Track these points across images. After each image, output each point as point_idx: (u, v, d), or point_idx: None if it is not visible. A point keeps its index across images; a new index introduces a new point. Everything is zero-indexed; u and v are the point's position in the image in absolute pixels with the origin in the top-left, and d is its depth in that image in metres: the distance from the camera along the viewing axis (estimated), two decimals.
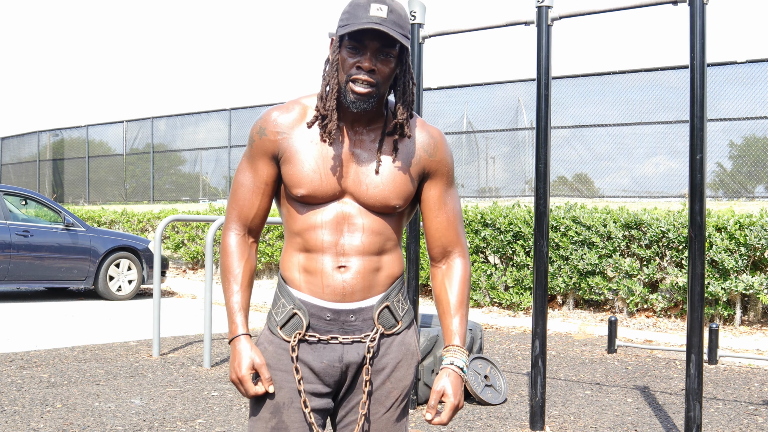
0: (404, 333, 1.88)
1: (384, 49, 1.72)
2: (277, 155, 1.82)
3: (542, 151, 4.13)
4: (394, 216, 1.85)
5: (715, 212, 8.11)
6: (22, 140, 23.86)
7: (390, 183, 1.81)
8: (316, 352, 1.82)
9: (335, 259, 1.80)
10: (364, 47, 1.72)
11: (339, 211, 1.80)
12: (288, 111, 1.83)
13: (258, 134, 1.83)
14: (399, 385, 1.87)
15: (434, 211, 1.88)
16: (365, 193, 1.80)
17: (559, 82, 12.60)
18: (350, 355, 1.82)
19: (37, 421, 4.13)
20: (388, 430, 1.86)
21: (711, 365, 6.21)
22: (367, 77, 1.72)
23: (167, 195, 19.58)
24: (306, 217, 1.81)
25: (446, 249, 1.91)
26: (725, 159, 11.71)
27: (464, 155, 14.36)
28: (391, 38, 1.71)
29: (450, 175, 1.90)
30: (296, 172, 1.79)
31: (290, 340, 1.81)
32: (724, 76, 11.39)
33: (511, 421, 4.38)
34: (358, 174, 1.80)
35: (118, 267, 10.11)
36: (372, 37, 1.71)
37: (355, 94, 1.73)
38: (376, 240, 1.82)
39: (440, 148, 1.87)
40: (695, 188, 3.67)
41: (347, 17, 1.72)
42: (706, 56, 3.66)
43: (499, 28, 4.40)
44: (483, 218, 9.42)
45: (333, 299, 1.80)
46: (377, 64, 1.73)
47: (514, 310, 9.11)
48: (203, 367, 5.71)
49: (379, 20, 1.68)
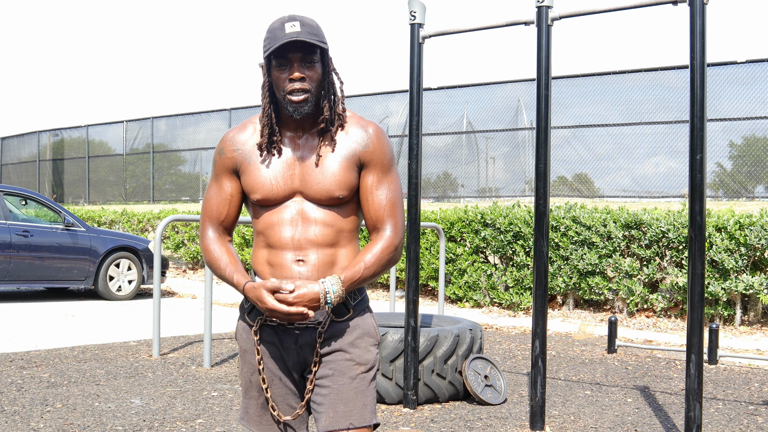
0: (358, 318, 2.11)
1: (306, 57, 1.97)
2: (236, 168, 2.10)
3: (542, 151, 4.13)
4: (343, 208, 2.07)
5: (715, 212, 8.11)
6: (22, 140, 23.85)
7: (331, 176, 2.04)
8: (277, 335, 2.09)
9: (294, 253, 2.04)
10: (290, 61, 1.97)
11: (293, 209, 2.05)
12: (242, 130, 2.12)
13: (218, 154, 2.12)
14: (359, 360, 2.09)
15: (367, 195, 2.08)
16: (311, 189, 2.04)
17: (559, 82, 12.60)
18: (303, 338, 2.07)
19: (37, 421, 4.13)
20: (358, 397, 2.07)
21: (711, 365, 6.21)
22: (299, 85, 1.97)
23: (167, 195, 19.58)
24: (265, 217, 2.07)
25: (376, 225, 2.09)
26: (725, 159, 11.70)
27: (464, 155, 14.36)
28: (309, 45, 1.96)
29: (385, 165, 2.09)
30: (251, 180, 2.07)
31: (254, 325, 2.09)
32: (724, 76, 11.39)
33: (511, 421, 4.38)
34: (303, 174, 2.05)
35: (118, 267, 10.11)
36: (293, 49, 1.96)
37: (293, 104, 1.98)
38: (328, 232, 2.05)
39: (374, 140, 2.08)
40: (695, 188, 3.67)
41: (268, 42, 1.97)
42: (706, 56, 3.67)
43: (499, 28, 4.41)
44: (483, 218, 9.42)
45: None
46: (305, 72, 1.98)
47: (514, 310, 9.11)
48: (203, 367, 5.71)
49: (294, 34, 1.93)
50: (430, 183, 14.63)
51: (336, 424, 2.04)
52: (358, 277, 2.01)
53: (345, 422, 2.04)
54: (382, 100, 15.53)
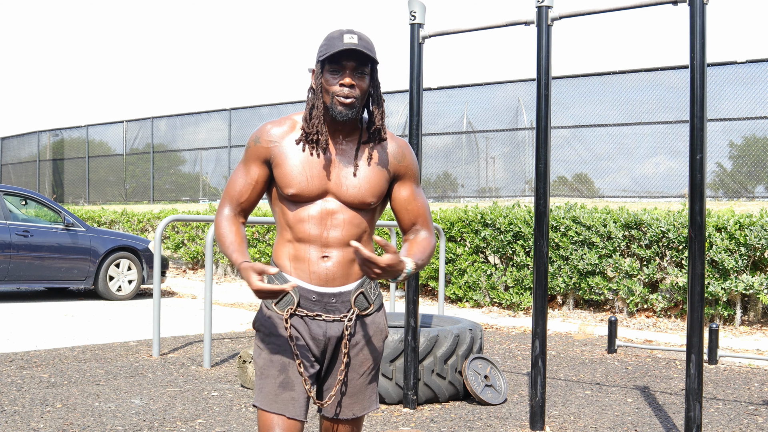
0: (375, 314, 2.29)
1: (359, 68, 2.11)
2: (269, 160, 2.19)
3: (542, 151, 4.13)
4: (368, 212, 2.21)
5: (715, 212, 8.11)
6: (22, 140, 23.85)
7: (366, 183, 2.17)
8: (306, 325, 2.19)
9: (320, 249, 2.15)
10: (343, 68, 2.10)
11: (323, 207, 2.16)
12: (280, 125, 2.21)
13: (254, 142, 2.20)
14: (371, 356, 2.27)
15: (407, 204, 2.26)
16: (345, 192, 2.16)
17: (559, 82, 12.60)
18: (332, 330, 2.20)
19: (37, 421, 4.13)
20: (363, 392, 2.27)
21: (711, 365, 6.21)
22: (348, 91, 2.09)
23: (167, 195, 19.58)
24: (296, 212, 2.16)
25: (415, 227, 2.28)
26: (725, 159, 11.70)
27: (464, 155, 14.36)
28: (364, 57, 2.10)
29: (416, 178, 2.29)
30: (286, 175, 2.15)
31: (284, 314, 2.18)
32: (724, 76, 11.39)
33: (511, 421, 4.38)
34: (338, 176, 2.17)
35: (118, 267, 10.11)
36: (348, 58, 2.09)
37: (341, 105, 2.10)
38: (354, 232, 2.17)
39: (407, 156, 2.26)
40: (695, 188, 3.67)
41: (325, 48, 2.10)
42: (706, 56, 3.66)
43: (499, 28, 4.40)
44: (483, 218, 9.42)
45: (318, 283, 2.17)
46: (356, 80, 2.11)
47: (514, 310, 9.11)
48: (203, 367, 5.71)
49: (352, 45, 2.07)
50: (430, 183, 14.63)
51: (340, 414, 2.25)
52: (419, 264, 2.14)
53: (349, 413, 2.26)
54: None
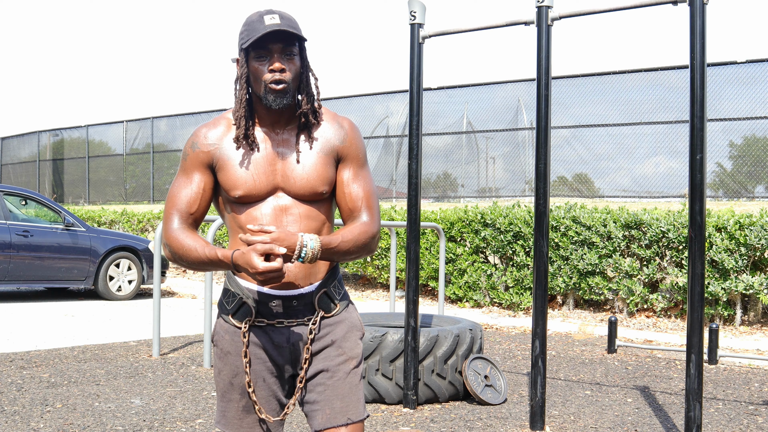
0: (345, 311, 2.12)
1: (286, 48, 1.96)
2: (212, 164, 2.05)
3: (542, 151, 4.13)
4: (323, 203, 2.07)
5: (715, 212, 8.11)
6: (22, 140, 23.85)
7: (313, 172, 2.03)
8: (267, 335, 2.05)
9: None
10: (270, 52, 1.95)
11: (276, 204, 2.02)
12: (215, 126, 2.07)
13: (191, 148, 2.06)
14: (351, 354, 2.09)
15: (344, 188, 2.08)
16: (294, 185, 2.02)
17: (559, 82, 12.59)
18: (295, 335, 2.06)
19: (37, 421, 4.13)
20: (352, 392, 2.08)
21: (711, 365, 6.21)
22: (279, 76, 1.94)
23: (167, 195, 19.57)
24: (247, 214, 2.02)
25: (353, 214, 2.08)
26: (725, 159, 11.70)
27: (464, 155, 14.36)
28: (290, 36, 1.95)
29: (360, 159, 2.11)
30: (230, 177, 2.01)
31: (242, 327, 2.04)
32: (724, 76, 11.39)
33: (511, 421, 4.38)
34: (285, 169, 2.02)
35: (118, 267, 10.11)
36: (274, 40, 1.94)
37: (273, 93, 1.95)
38: (312, 226, 2.03)
39: (349, 135, 2.09)
40: (695, 188, 3.67)
41: (247, 33, 1.95)
42: (706, 56, 3.66)
43: (499, 28, 4.40)
44: (483, 218, 9.42)
45: (277, 287, 2.01)
46: (285, 63, 1.96)
47: (514, 310, 9.11)
48: (203, 367, 5.71)
49: (275, 25, 1.92)
50: (430, 183, 14.63)
51: (334, 420, 2.03)
52: (334, 246, 1.96)
53: (343, 418, 2.04)
54: (382, 100, 15.53)
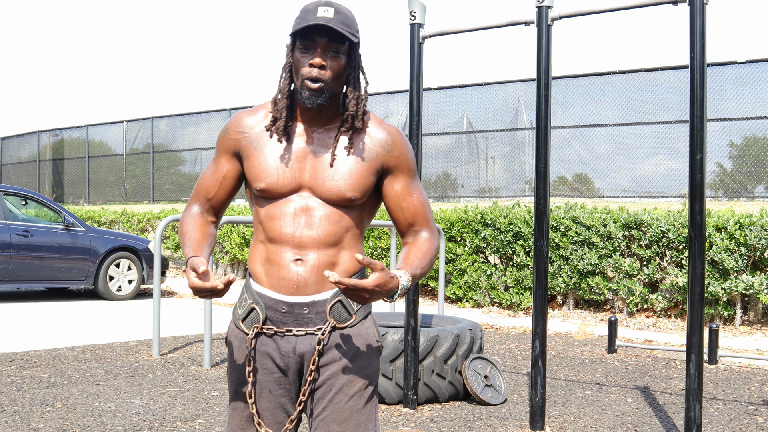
0: (360, 325, 1.95)
1: (333, 45, 1.83)
2: (239, 152, 1.96)
3: (542, 151, 4.13)
4: (353, 210, 1.93)
5: (715, 212, 8.11)
6: (22, 140, 23.85)
7: (346, 176, 1.90)
8: (275, 343, 1.93)
9: (292, 251, 1.89)
10: (315, 45, 1.83)
11: (298, 203, 1.91)
12: (253, 113, 1.98)
13: (223, 133, 1.99)
14: (360, 374, 1.93)
15: (400, 202, 1.97)
16: (322, 186, 1.90)
17: (559, 82, 12.60)
18: (302, 346, 1.91)
19: (37, 421, 4.13)
20: (354, 418, 1.91)
21: (711, 365, 6.21)
22: (317, 73, 1.83)
23: (167, 195, 19.57)
24: (267, 209, 1.93)
25: (413, 228, 1.99)
26: (725, 159, 11.70)
27: (464, 155, 14.36)
28: (338, 34, 1.82)
29: (412, 170, 1.99)
30: (255, 168, 1.92)
31: (249, 333, 1.94)
32: (724, 76, 11.39)
33: (511, 421, 4.38)
34: (314, 169, 1.91)
35: (118, 267, 10.11)
36: (321, 34, 1.82)
37: (308, 90, 1.84)
38: (332, 231, 1.90)
39: (399, 145, 1.96)
40: (695, 188, 3.67)
41: (298, 21, 1.84)
42: (706, 56, 3.66)
43: (499, 28, 4.40)
44: (483, 218, 9.42)
45: (288, 292, 1.90)
46: (327, 61, 1.84)
47: (514, 310, 9.11)
48: (203, 367, 5.71)
49: (325, 20, 1.80)
50: (430, 183, 14.63)
51: None
52: (417, 274, 1.87)
53: None
54: (382, 100, 15.52)
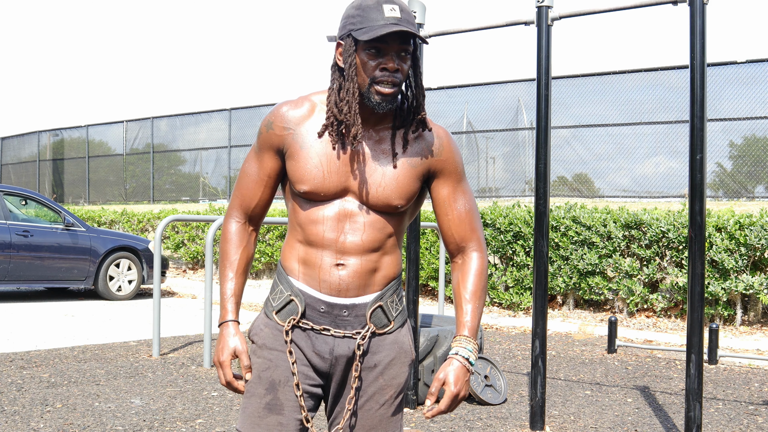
0: (397, 332, 1.90)
1: (403, 47, 1.75)
2: (282, 149, 1.85)
3: (542, 151, 4.13)
4: (395, 215, 1.86)
5: (715, 212, 8.11)
6: (22, 140, 23.86)
7: (393, 182, 1.82)
8: (309, 339, 1.85)
9: (334, 255, 1.82)
10: (387, 48, 1.74)
11: (341, 208, 1.82)
12: (297, 107, 1.85)
13: (266, 127, 1.86)
14: (392, 383, 1.89)
15: (446, 208, 1.89)
16: (368, 193, 1.81)
17: (559, 82, 12.60)
18: (340, 348, 1.85)
19: (37, 421, 4.13)
20: (383, 426, 1.88)
21: (711, 365, 6.21)
22: (392, 78, 1.74)
23: (167, 195, 19.58)
24: (309, 212, 1.83)
25: (460, 245, 1.91)
26: (725, 159, 11.71)
27: (464, 155, 14.36)
28: (409, 37, 1.74)
29: (459, 173, 1.90)
30: (300, 169, 1.81)
31: (284, 325, 1.85)
32: (724, 76, 11.39)
33: (511, 421, 4.38)
34: (362, 173, 1.82)
35: (118, 267, 10.11)
36: (394, 38, 1.73)
37: (380, 95, 1.75)
38: (376, 238, 1.83)
39: (446, 147, 1.88)
40: (695, 188, 3.67)
41: (360, 20, 1.74)
42: (706, 56, 3.66)
43: (499, 28, 4.41)
44: (483, 218, 9.42)
45: (328, 293, 1.83)
46: (400, 63, 1.76)
47: (514, 310, 9.11)
48: (203, 367, 5.71)
49: (395, 20, 1.72)
50: None
51: None
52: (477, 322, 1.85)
53: None
54: None
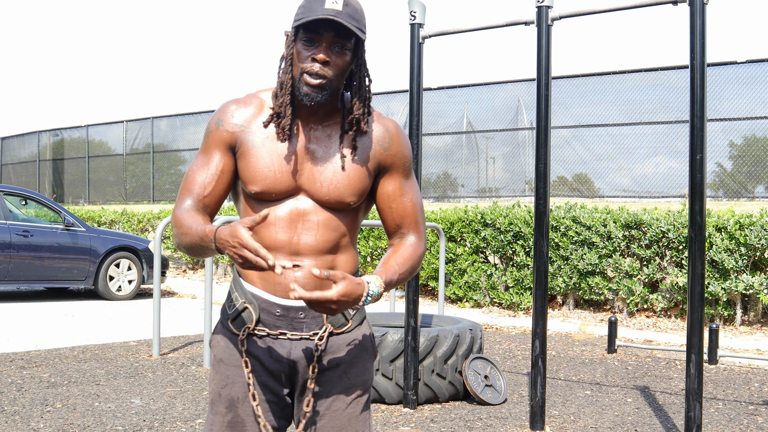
0: (356, 330, 1.88)
1: (339, 40, 1.72)
2: (234, 147, 1.82)
3: (542, 151, 4.13)
4: (349, 213, 1.85)
5: (715, 212, 8.11)
6: (22, 140, 23.85)
7: (345, 179, 1.80)
8: (266, 346, 1.83)
9: (288, 257, 1.79)
10: (320, 39, 1.72)
11: (294, 207, 1.80)
12: (246, 105, 1.84)
13: (215, 125, 1.83)
14: (357, 381, 1.87)
15: (390, 202, 1.88)
16: (320, 190, 1.80)
17: (559, 82, 12.59)
18: (297, 351, 1.82)
19: (37, 421, 4.13)
20: (353, 425, 1.86)
21: (711, 365, 6.21)
22: (320, 69, 1.72)
23: (167, 195, 19.57)
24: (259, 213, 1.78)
25: (401, 231, 1.91)
26: (725, 159, 11.70)
27: (464, 155, 14.36)
28: (346, 30, 1.71)
29: (407, 168, 1.89)
30: (251, 169, 1.79)
31: (239, 334, 1.83)
32: (724, 76, 11.39)
33: (511, 421, 4.38)
34: (312, 171, 1.80)
35: (118, 267, 10.11)
36: (327, 28, 1.71)
37: (308, 86, 1.73)
38: (331, 237, 1.82)
39: (396, 141, 1.87)
40: (695, 188, 3.67)
41: (303, 11, 1.72)
42: (706, 56, 3.66)
43: (499, 28, 4.40)
44: (483, 218, 9.42)
45: (284, 296, 1.81)
46: (332, 56, 1.73)
47: (514, 310, 9.11)
48: (203, 367, 5.71)
49: (334, 12, 1.69)
50: (430, 183, 14.63)
51: None
52: (395, 280, 1.79)
53: None
54: (382, 100, 15.52)
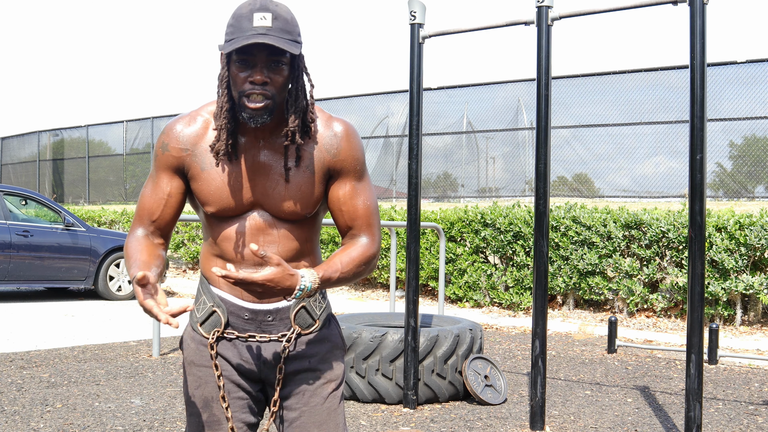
0: (325, 328, 1.91)
1: (274, 58, 1.68)
2: (183, 170, 1.81)
3: (542, 151, 4.13)
4: (307, 221, 1.84)
5: (715, 212, 8.11)
6: (22, 140, 23.85)
7: (297, 192, 1.79)
8: (235, 348, 1.85)
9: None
10: (254, 59, 1.67)
11: (253, 222, 1.80)
12: (190, 124, 1.81)
13: (161, 149, 1.82)
14: (330, 376, 1.89)
15: (341, 206, 1.84)
16: (274, 205, 1.79)
17: (559, 82, 12.59)
18: (266, 353, 1.85)
19: (37, 421, 4.13)
20: (331, 418, 1.89)
21: (711, 365, 6.21)
22: (261, 90, 1.68)
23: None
24: (220, 228, 1.82)
25: (352, 233, 1.87)
26: (725, 159, 11.70)
27: (464, 155, 14.36)
28: (279, 48, 1.66)
29: (358, 171, 1.84)
30: (204, 192, 1.79)
31: (209, 337, 1.85)
32: (724, 76, 11.39)
33: (511, 421, 4.38)
34: (265, 186, 1.79)
35: (118, 267, 10.11)
36: (260, 48, 1.66)
37: (250, 110, 1.69)
38: (292, 247, 1.82)
39: (344, 145, 1.81)
40: (695, 188, 3.67)
41: (232, 30, 1.68)
42: (706, 56, 3.66)
43: (499, 28, 4.40)
44: (483, 218, 9.42)
45: (251, 300, 1.83)
46: (270, 75, 1.69)
47: (514, 310, 9.11)
48: None
49: (264, 30, 1.64)
50: (430, 183, 14.63)
51: None
52: (334, 279, 1.76)
53: None
54: (382, 100, 15.52)
